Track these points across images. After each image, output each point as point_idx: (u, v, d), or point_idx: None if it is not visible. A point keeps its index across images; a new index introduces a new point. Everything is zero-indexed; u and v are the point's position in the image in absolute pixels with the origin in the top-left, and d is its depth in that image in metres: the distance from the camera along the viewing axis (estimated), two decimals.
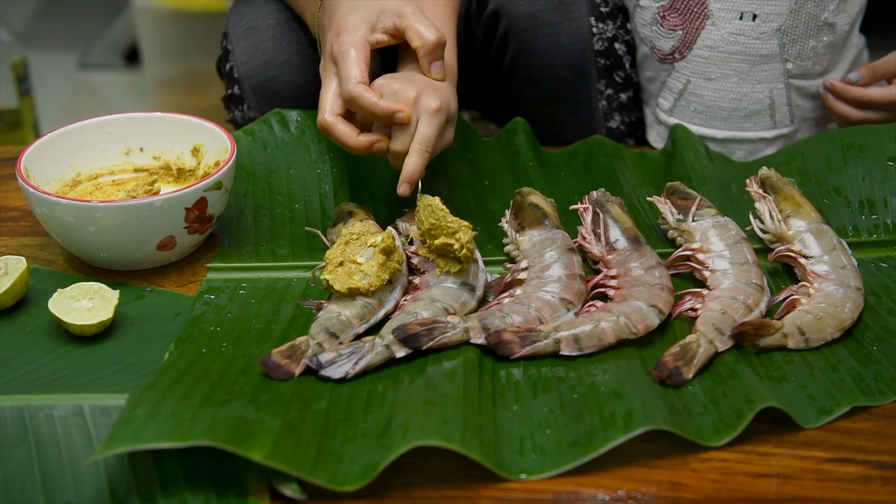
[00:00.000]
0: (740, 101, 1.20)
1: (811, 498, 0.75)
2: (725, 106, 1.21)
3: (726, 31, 1.17)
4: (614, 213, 1.00)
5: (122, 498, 0.74)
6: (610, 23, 1.24)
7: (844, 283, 0.94)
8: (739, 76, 1.19)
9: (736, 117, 1.21)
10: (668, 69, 1.22)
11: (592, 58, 1.24)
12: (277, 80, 1.20)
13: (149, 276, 1.01)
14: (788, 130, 1.22)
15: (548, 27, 1.22)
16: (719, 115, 1.21)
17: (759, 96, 1.20)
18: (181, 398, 0.77)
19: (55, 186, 1.07)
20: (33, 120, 2.11)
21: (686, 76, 1.21)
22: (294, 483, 0.75)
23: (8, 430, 0.78)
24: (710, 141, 1.22)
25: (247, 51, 1.21)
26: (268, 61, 1.20)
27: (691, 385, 0.84)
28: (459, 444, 0.74)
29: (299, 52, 1.20)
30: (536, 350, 0.87)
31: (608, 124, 1.29)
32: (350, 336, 0.88)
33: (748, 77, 1.19)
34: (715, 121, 1.22)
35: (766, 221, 1.01)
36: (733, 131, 1.22)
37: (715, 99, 1.20)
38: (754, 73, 1.19)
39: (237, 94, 1.23)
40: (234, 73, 1.22)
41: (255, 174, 1.15)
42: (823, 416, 0.82)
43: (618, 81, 1.28)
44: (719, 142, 1.22)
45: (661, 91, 1.24)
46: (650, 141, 1.29)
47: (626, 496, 0.75)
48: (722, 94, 1.20)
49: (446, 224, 0.92)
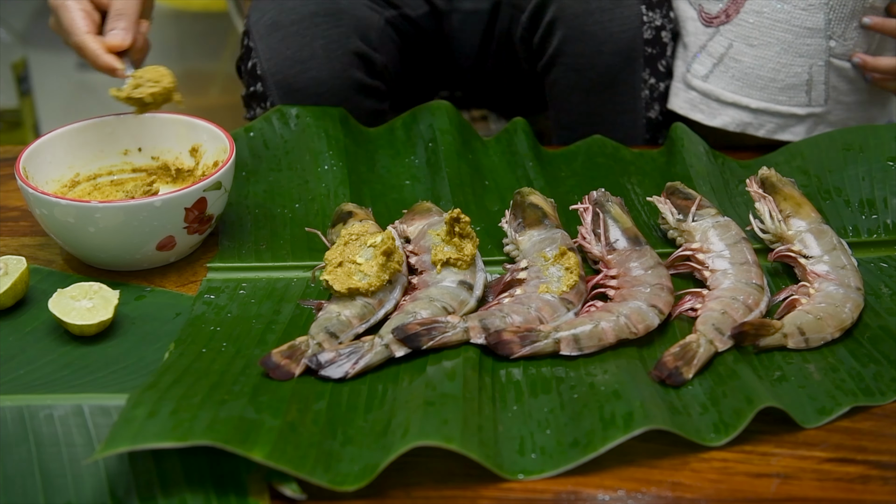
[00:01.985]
0: (778, 72, 1.20)
1: (811, 498, 0.75)
2: (763, 75, 1.20)
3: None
4: (614, 213, 1.00)
5: (122, 498, 0.74)
6: (658, 11, 1.24)
7: (844, 283, 0.94)
8: (781, 46, 1.18)
9: (772, 88, 1.21)
10: (710, 33, 1.21)
11: (641, 46, 1.24)
12: (302, 76, 1.20)
13: (149, 276, 1.01)
14: (821, 110, 1.22)
15: (600, 13, 1.21)
16: (756, 84, 1.21)
17: (798, 70, 1.19)
18: (181, 398, 0.77)
19: (54, 187, 1.07)
20: (33, 120, 2.11)
21: (729, 40, 1.20)
22: (294, 483, 0.75)
23: (8, 430, 0.78)
24: (741, 110, 1.21)
25: (270, 47, 1.21)
26: (292, 57, 1.20)
27: (691, 385, 0.84)
28: (459, 445, 0.74)
29: (323, 46, 1.19)
30: (536, 350, 0.87)
31: (648, 114, 1.28)
32: (350, 336, 0.88)
33: (790, 48, 1.19)
34: (751, 89, 1.21)
35: (766, 221, 1.01)
36: (767, 102, 1.21)
37: (754, 66, 1.20)
38: (797, 45, 1.18)
39: (260, 91, 1.23)
40: (258, 70, 1.22)
41: (255, 173, 1.15)
42: (823, 416, 0.82)
43: (661, 71, 1.27)
44: (752, 111, 1.22)
45: (697, 56, 1.23)
46: (675, 108, 1.27)
47: (626, 496, 0.75)
48: (762, 62, 1.19)
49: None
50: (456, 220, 0.95)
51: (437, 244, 0.96)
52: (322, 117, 1.19)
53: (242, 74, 1.28)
